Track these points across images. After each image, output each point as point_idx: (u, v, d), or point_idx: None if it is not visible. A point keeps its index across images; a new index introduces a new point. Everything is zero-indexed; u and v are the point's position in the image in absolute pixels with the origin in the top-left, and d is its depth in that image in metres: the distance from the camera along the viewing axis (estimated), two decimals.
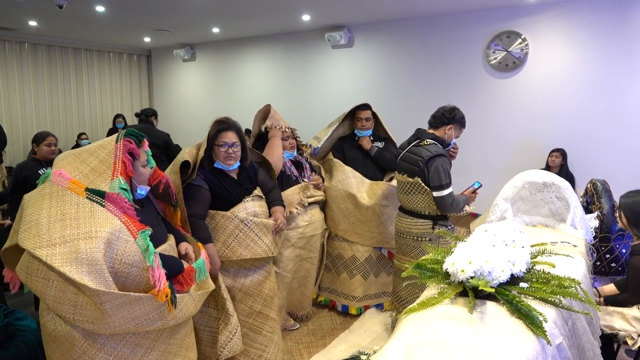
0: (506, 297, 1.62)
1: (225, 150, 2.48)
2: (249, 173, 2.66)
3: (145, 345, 1.79)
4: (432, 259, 1.93)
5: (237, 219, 2.46)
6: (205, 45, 8.04)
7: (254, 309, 2.57)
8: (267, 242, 2.54)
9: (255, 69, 7.45)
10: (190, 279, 1.93)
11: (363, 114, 3.56)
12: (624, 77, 4.60)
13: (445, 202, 2.74)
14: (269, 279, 2.65)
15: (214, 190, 2.48)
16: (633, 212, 2.46)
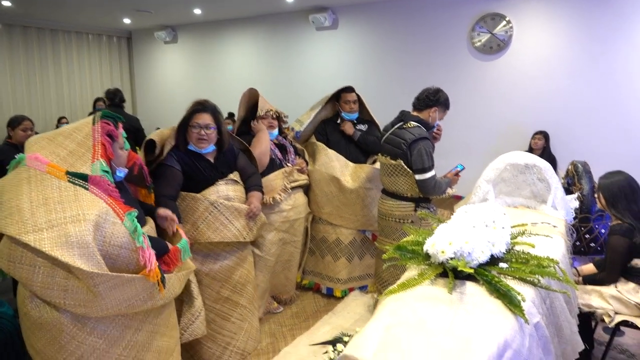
0: (485, 277, 1.63)
1: (197, 132, 2.44)
2: (227, 157, 2.62)
3: (134, 326, 1.80)
4: (413, 241, 1.93)
5: (207, 201, 2.43)
6: (187, 27, 7.88)
7: (222, 294, 2.54)
8: (237, 226, 2.51)
9: (239, 52, 7.33)
10: (176, 259, 1.94)
11: (349, 96, 3.53)
12: (606, 60, 4.62)
13: (428, 184, 2.74)
14: (241, 266, 2.62)
15: (186, 171, 2.45)
16: (611, 193, 2.49)
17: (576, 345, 1.96)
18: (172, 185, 2.37)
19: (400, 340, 1.35)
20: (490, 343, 1.33)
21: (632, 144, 4.54)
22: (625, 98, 4.55)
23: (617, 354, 2.84)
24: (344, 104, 3.54)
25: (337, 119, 3.62)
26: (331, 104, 3.67)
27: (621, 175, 2.50)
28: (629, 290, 2.42)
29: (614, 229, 2.44)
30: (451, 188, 2.92)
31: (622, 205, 2.44)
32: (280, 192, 3.07)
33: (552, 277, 1.73)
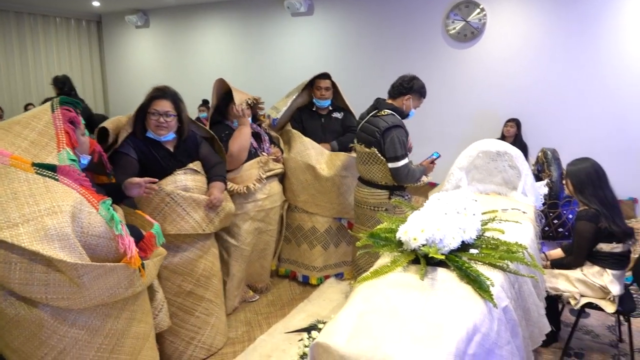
0: (456, 263, 1.66)
1: (156, 119, 2.38)
2: (188, 146, 2.55)
3: (114, 314, 1.79)
4: (386, 228, 1.95)
5: (163, 192, 2.37)
6: (159, 11, 7.69)
7: (184, 288, 2.49)
8: (196, 218, 2.46)
9: (213, 37, 7.20)
10: (151, 244, 1.93)
11: (322, 83, 3.51)
12: (577, 49, 4.71)
13: (401, 173, 2.76)
14: (205, 258, 2.57)
15: (142, 160, 2.38)
16: (578, 180, 2.56)
17: (543, 327, 2.02)
18: (126, 174, 2.28)
19: (373, 326, 1.37)
20: (460, 328, 1.36)
21: (600, 131, 4.66)
22: (595, 87, 4.65)
23: (583, 334, 2.95)
24: (316, 90, 3.52)
25: (313, 106, 3.61)
26: (307, 91, 3.64)
27: (588, 162, 2.57)
28: (593, 273, 2.51)
29: (581, 215, 2.51)
30: (426, 176, 2.95)
31: (588, 192, 2.51)
32: (255, 181, 3.04)
33: (520, 262, 1.78)
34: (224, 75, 7.55)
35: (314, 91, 3.54)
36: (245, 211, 3.07)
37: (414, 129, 4.92)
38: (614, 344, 2.85)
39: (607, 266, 2.48)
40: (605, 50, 4.55)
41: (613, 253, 2.47)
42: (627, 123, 4.53)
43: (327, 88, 3.52)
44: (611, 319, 3.08)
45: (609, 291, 2.45)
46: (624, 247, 2.48)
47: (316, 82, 3.52)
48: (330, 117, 3.60)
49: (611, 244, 2.46)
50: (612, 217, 2.44)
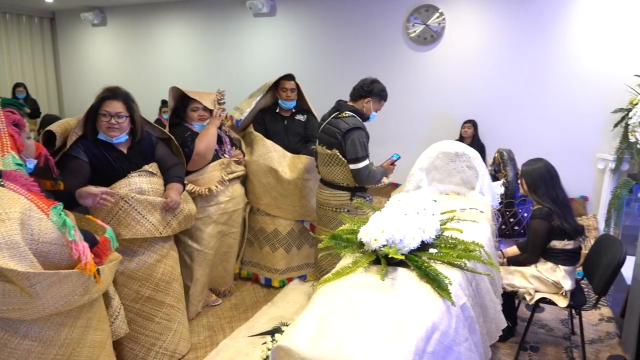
0: (416, 263, 1.69)
1: (107, 121, 2.31)
2: (143, 147, 2.50)
3: (69, 323, 1.73)
4: (348, 230, 1.97)
5: (117, 195, 2.31)
6: (117, 9, 7.47)
7: (142, 294, 2.43)
8: (152, 221, 2.40)
9: (173, 37, 7.06)
10: (106, 249, 1.87)
11: (288, 84, 3.49)
12: (531, 53, 4.88)
13: (362, 174, 2.78)
14: (164, 262, 2.51)
15: (94, 163, 2.32)
16: (532, 179, 2.65)
17: (500, 323, 2.09)
18: (77, 177, 2.22)
19: (334, 328, 1.37)
20: (419, 326, 1.39)
21: (553, 132, 4.85)
22: (548, 90, 4.84)
23: (538, 328, 3.06)
24: (281, 91, 3.50)
25: (276, 108, 3.59)
26: (270, 93, 3.62)
27: (541, 163, 2.67)
28: (547, 269, 2.61)
29: (535, 213, 2.61)
30: (387, 177, 2.99)
31: (541, 191, 2.61)
32: (217, 183, 3.01)
33: (477, 261, 1.83)
34: (185, 75, 7.41)
35: (279, 92, 3.52)
36: (207, 214, 3.03)
37: (376, 130, 4.97)
38: (566, 336, 2.97)
39: (560, 262, 2.58)
40: (557, 54, 4.75)
41: (565, 250, 2.58)
42: (577, 125, 4.73)
43: (293, 89, 3.51)
44: (564, 312, 3.21)
45: (562, 286, 2.55)
46: (575, 244, 2.59)
47: (281, 83, 3.51)
48: (293, 119, 3.59)
49: (563, 241, 2.57)
50: (564, 215, 2.54)
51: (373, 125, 3.20)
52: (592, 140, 4.67)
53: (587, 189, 4.77)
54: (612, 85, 4.41)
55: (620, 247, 2.44)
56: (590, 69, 4.60)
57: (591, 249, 2.78)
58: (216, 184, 3.00)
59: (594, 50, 4.57)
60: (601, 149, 4.59)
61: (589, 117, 4.66)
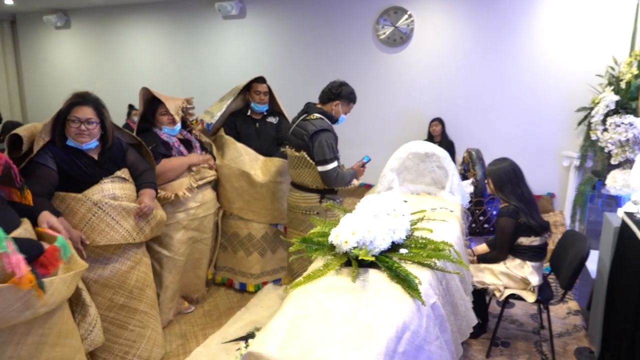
0: (386, 263, 1.71)
1: (77, 127, 2.26)
2: (114, 153, 2.46)
3: (15, 340, 1.64)
4: (319, 232, 1.97)
5: (90, 201, 2.27)
6: (81, 11, 7.29)
7: (116, 302, 2.40)
8: (126, 227, 2.38)
9: (141, 40, 6.94)
10: (54, 259, 1.77)
11: (260, 87, 3.47)
12: (497, 54, 4.99)
13: (330, 176, 2.79)
14: (137, 269, 2.49)
15: (64, 170, 2.26)
16: (498, 178, 2.72)
17: (470, 320, 2.13)
18: (43, 185, 2.16)
19: (305, 332, 1.37)
20: (389, 327, 1.40)
21: (519, 131, 4.97)
22: (514, 89, 4.97)
23: (509, 324, 3.13)
24: (254, 94, 3.48)
25: (247, 111, 3.56)
26: (241, 96, 3.59)
27: (506, 162, 2.74)
28: (515, 266, 2.67)
29: (502, 211, 2.67)
30: (357, 179, 3.00)
31: (507, 189, 2.68)
32: (185, 190, 2.96)
33: (447, 260, 1.86)
34: (154, 79, 7.29)
35: (252, 95, 3.50)
36: (177, 220, 2.99)
37: (347, 132, 5.00)
38: (536, 330, 3.05)
39: (527, 258, 2.65)
40: (523, 54, 4.87)
41: (532, 246, 2.64)
42: (543, 123, 4.87)
43: (266, 92, 3.50)
44: (534, 307, 3.29)
45: (530, 282, 2.62)
46: (541, 240, 2.66)
47: (254, 86, 3.48)
48: (265, 122, 3.58)
49: (530, 237, 2.63)
50: (530, 212, 2.61)
51: (344, 127, 3.22)
52: (557, 139, 4.81)
53: (554, 186, 4.91)
54: (576, 85, 4.55)
55: (584, 242, 2.51)
56: (555, 69, 4.74)
57: (557, 244, 2.87)
58: (184, 190, 2.96)
59: (558, 50, 4.71)
60: (566, 147, 4.74)
61: (553, 116, 4.80)
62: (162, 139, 2.98)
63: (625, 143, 3.38)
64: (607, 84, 3.99)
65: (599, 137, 3.61)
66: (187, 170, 3.03)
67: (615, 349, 2.40)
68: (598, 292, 2.80)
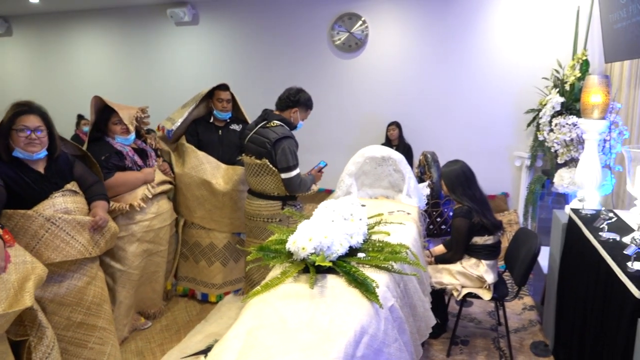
0: (344, 268, 1.72)
1: (26, 136, 2.18)
2: (60, 166, 2.38)
3: None
4: (276, 240, 1.96)
5: (42, 217, 2.19)
6: (24, 17, 7.00)
7: (74, 320, 2.33)
8: (82, 241, 2.32)
9: (89, 48, 6.72)
10: None
11: (223, 94, 3.46)
12: (451, 59, 5.15)
13: (294, 183, 2.80)
14: (93, 284, 2.43)
15: (11, 186, 2.17)
16: (450, 180, 2.80)
17: (429, 321, 2.17)
18: None
19: (262, 342, 1.36)
20: (347, 332, 1.41)
21: (473, 134, 5.14)
22: (467, 92, 5.13)
23: (467, 322, 3.21)
24: (217, 102, 3.46)
25: (210, 118, 3.53)
26: (204, 103, 3.55)
27: (457, 164, 2.82)
28: (471, 265, 2.75)
29: (456, 212, 2.75)
30: (315, 184, 3.02)
31: (459, 191, 2.76)
32: (139, 201, 2.89)
33: (404, 262, 1.89)
34: (103, 88, 7.09)
35: (214, 103, 3.47)
36: (131, 232, 2.91)
37: (305, 138, 5.00)
38: (494, 327, 3.15)
39: (482, 257, 2.73)
40: (474, 58, 5.04)
41: (486, 245, 2.73)
42: (495, 125, 5.04)
43: (229, 100, 3.49)
44: (491, 305, 3.40)
45: (485, 280, 2.70)
46: (495, 239, 2.75)
47: (216, 93, 3.46)
48: (228, 130, 3.55)
49: (484, 236, 2.72)
50: (483, 212, 2.70)
51: (302, 133, 3.23)
52: (509, 140, 5.00)
53: (508, 186, 5.09)
54: (524, 87, 4.75)
55: (535, 239, 2.62)
56: (504, 72, 4.93)
57: (510, 242, 2.97)
58: (139, 201, 2.89)
59: (508, 54, 4.90)
60: (518, 148, 4.93)
61: (505, 118, 4.99)
62: (116, 148, 2.90)
63: (570, 143, 3.56)
64: (552, 86, 4.19)
65: (546, 137, 3.78)
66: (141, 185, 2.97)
67: (567, 342, 2.51)
68: (550, 287, 2.92)
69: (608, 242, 2.10)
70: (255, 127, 2.91)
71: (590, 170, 2.78)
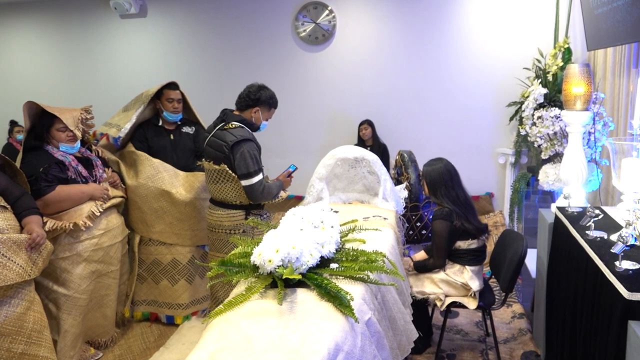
0: (315, 281, 1.74)
1: None
2: None
3: None
4: (240, 253, 1.97)
5: None
6: None
7: (14, 350, 2.28)
8: (20, 262, 2.28)
9: (23, 45, 6.56)
10: None
11: (173, 94, 3.44)
12: (424, 51, 5.26)
13: (256, 190, 2.80)
14: (32, 309, 2.39)
15: None
16: (431, 180, 2.86)
17: (411, 335, 2.21)
18: None
19: None
20: (320, 350, 1.42)
21: (453, 131, 5.24)
22: (444, 86, 5.24)
23: (454, 334, 3.27)
24: (166, 102, 3.44)
25: (158, 121, 3.51)
26: (150, 105, 3.52)
27: (441, 163, 2.88)
28: (455, 272, 2.81)
29: (436, 215, 2.81)
30: (284, 191, 3.03)
31: (441, 192, 2.82)
32: (84, 219, 2.84)
33: (381, 271, 1.92)
34: (42, 88, 6.92)
35: (164, 103, 3.45)
36: (76, 252, 2.86)
37: (271, 140, 5.02)
38: (482, 339, 3.22)
39: (466, 263, 2.80)
40: (450, 49, 5.16)
41: (470, 249, 2.80)
42: (475, 120, 5.16)
43: (179, 100, 3.47)
44: (479, 315, 3.47)
45: (470, 287, 2.76)
46: (479, 243, 2.82)
47: (165, 93, 3.44)
48: (180, 133, 3.54)
49: (467, 240, 2.79)
50: (465, 215, 2.76)
51: (267, 134, 3.25)
52: (491, 136, 5.13)
53: (492, 185, 5.22)
54: (505, 79, 4.88)
55: (521, 241, 2.70)
56: (483, 64, 5.06)
57: (495, 246, 3.05)
58: (84, 219, 2.84)
59: (486, 44, 5.03)
60: (501, 144, 5.06)
61: (486, 112, 5.11)
62: (56, 158, 2.85)
63: (554, 136, 3.68)
64: (534, 77, 4.32)
65: (528, 131, 3.89)
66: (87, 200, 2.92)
67: (558, 351, 2.59)
68: (539, 293, 3.01)
69: (595, 240, 2.18)
70: (214, 129, 2.90)
71: (575, 165, 2.88)
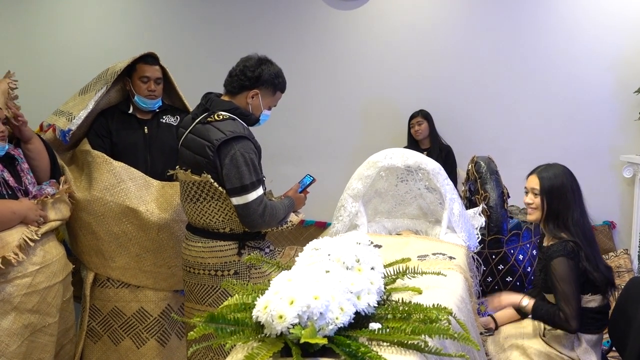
0: (347, 348, 1.73)
1: None
2: None
3: None
4: (236, 305, 1.97)
5: None
6: None
7: None
8: None
9: None
10: None
11: (150, 70, 3.49)
12: (510, 14, 5.22)
13: (253, 211, 2.77)
14: None
15: None
16: (559, 193, 2.77)
17: None
18: None
19: None
20: None
21: (552, 126, 5.18)
22: (540, 67, 5.18)
23: None
24: (139, 82, 3.48)
25: (128, 108, 3.57)
26: (116, 86, 3.58)
27: (558, 169, 2.85)
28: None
29: (556, 251, 2.71)
30: (297, 213, 3.03)
31: (571, 215, 2.75)
32: (15, 249, 2.89)
33: (445, 336, 1.90)
34: None
35: (136, 84, 3.50)
36: (4, 298, 2.92)
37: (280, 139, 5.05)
38: None
39: (581, 328, 2.73)
40: (553, 13, 5.12)
41: (588, 308, 2.74)
42: (588, 115, 5.10)
43: (158, 79, 3.53)
44: None
45: None
46: (603, 300, 2.76)
47: (138, 69, 3.50)
48: (159, 124, 3.61)
49: (587, 295, 2.73)
50: (594, 256, 2.71)
51: (272, 131, 3.26)
52: (611, 136, 5.06)
53: (613, 211, 5.13)
54: (633, 55, 4.82)
55: None
56: (600, 33, 5.00)
57: (617, 303, 2.97)
58: (14, 249, 2.89)
59: (605, 4, 4.98)
60: (627, 149, 4.97)
61: (602, 102, 5.05)
62: None
63: None
64: None
65: None
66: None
67: None
68: None
69: None
70: (192, 123, 2.92)
71: None
